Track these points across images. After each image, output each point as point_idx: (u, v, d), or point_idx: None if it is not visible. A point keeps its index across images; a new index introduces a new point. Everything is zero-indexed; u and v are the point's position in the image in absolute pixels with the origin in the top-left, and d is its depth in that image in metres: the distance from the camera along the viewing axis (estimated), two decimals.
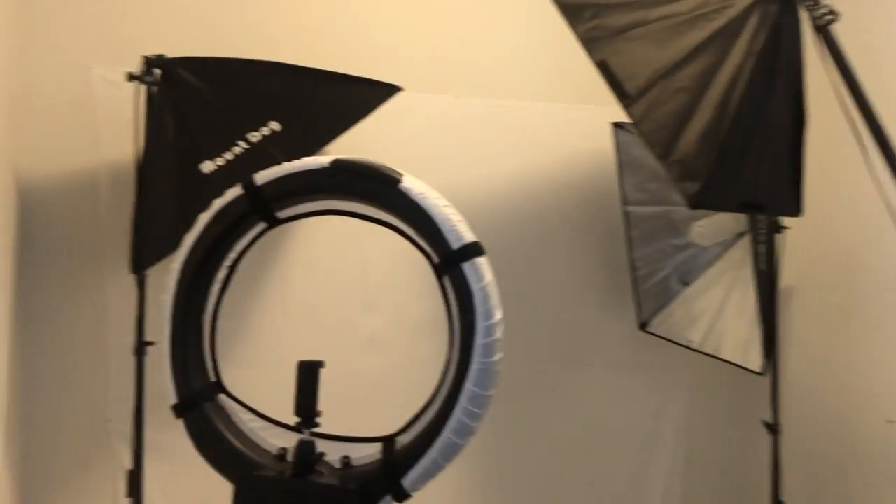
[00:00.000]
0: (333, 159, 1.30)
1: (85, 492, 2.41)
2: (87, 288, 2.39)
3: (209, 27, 2.40)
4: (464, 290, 1.26)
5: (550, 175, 2.93)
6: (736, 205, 2.07)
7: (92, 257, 2.38)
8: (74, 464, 2.40)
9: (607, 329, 2.99)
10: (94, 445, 2.38)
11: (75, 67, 2.31)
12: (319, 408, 1.60)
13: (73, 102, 2.34)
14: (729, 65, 1.97)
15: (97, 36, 2.39)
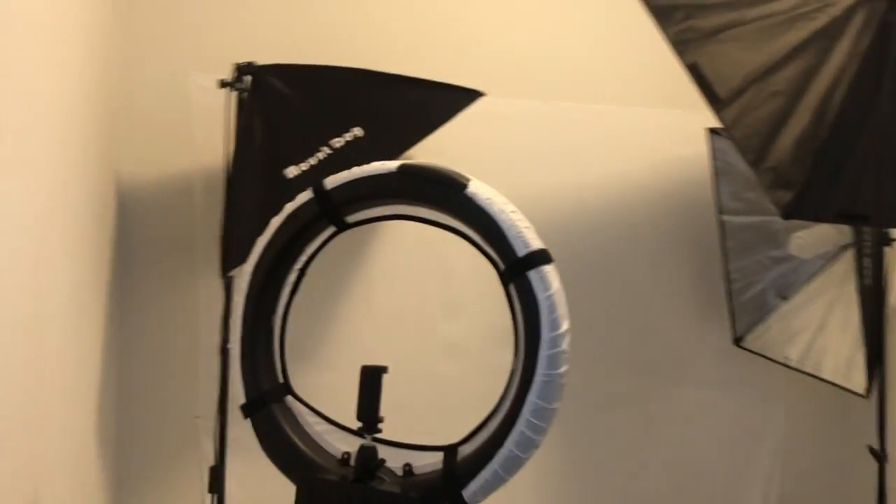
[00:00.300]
0: (400, 164, 1.30)
1: (175, 486, 2.49)
2: (181, 289, 2.48)
3: (299, 35, 2.46)
4: (529, 298, 1.23)
5: (642, 182, 2.84)
6: (834, 215, 1.95)
7: (186, 260, 2.47)
8: (165, 459, 2.49)
9: (700, 343, 2.87)
10: (184, 441, 2.46)
11: (173, 75, 2.39)
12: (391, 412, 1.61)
13: (170, 109, 2.42)
14: (830, 67, 1.86)
15: (195, 45, 2.48)
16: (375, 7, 2.59)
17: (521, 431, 1.22)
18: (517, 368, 1.27)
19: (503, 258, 1.26)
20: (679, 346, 2.87)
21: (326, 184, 1.33)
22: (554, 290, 1.23)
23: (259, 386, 1.35)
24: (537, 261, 1.23)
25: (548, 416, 1.23)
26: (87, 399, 1.89)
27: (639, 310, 2.85)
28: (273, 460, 1.34)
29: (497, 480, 1.25)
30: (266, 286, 1.36)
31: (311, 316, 2.52)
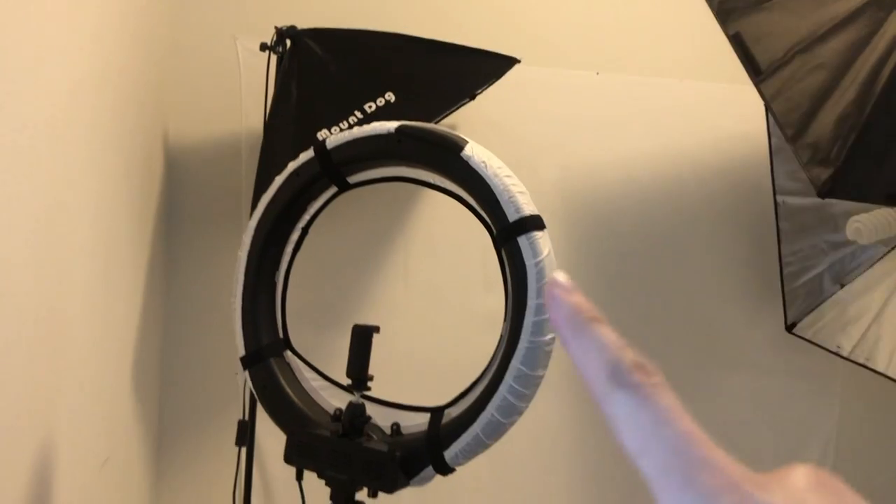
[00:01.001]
0: (399, 125, 1.29)
1: (213, 440, 2.59)
2: (226, 249, 2.55)
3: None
4: (518, 264, 1.21)
5: (696, 159, 2.76)
6: (879, 196, 1.84)
7: (232, 219, 2.54)
8: (205, 414, 2.59)
9: (752, 329, 2.78)
10: (225, 397, 2.55)
11: (223, 38, 2.44)
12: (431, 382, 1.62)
13: (220, 72, 2.48)
14: (881, 38, 1.74)
15: (244, 9, 2.53)
16: None
17: (503, 396, 1.21)
18: (504, 334, 1.26)
19: (495, 223, 1.24)
20: (729, 331, 2.79)
21: (328, 143, 1.33)
22: (543, 256, 1.21)
23: (259, 340, 1.38)
24: (528, 226, 1.22)
25: (531, 383, 1.22)
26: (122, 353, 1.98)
27: (688, 291, 2.78)
28: (268, 412, 1.37)
29: (479, 444, 1.24)
30: (269, 243, 1.38)
31: (345, 280, 2.56)
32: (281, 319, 1.43)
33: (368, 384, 1.33)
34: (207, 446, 2.56)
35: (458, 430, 1.24)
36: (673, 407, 0.28)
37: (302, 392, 1.39)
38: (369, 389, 1.33)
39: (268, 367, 1.39)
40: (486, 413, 1.22)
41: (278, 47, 2.16)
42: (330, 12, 2.43)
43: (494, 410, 1.21)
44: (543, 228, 1.24)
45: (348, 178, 1.39)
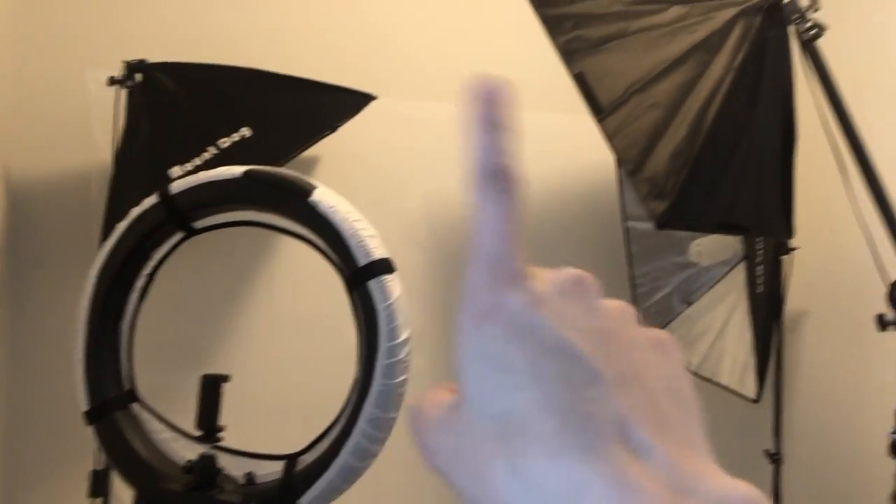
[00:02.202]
0: (246, 170, 1.29)
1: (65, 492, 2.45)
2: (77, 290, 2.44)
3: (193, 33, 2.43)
4: (369, 308, 1.23)
5: (551, 187, 2.87)
6: (712, 225, 1.98)
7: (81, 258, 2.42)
8: (55, 461, 2.44)
9: None
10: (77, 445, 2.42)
11: (71, 70, 2.35)
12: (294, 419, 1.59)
13: (69, 105, 2.38)
14: (708, 79, 1.88)
15: (92, 41, 2.44)
16: (271, 7, 2.56)
17: (357, 441, 1.22)
18: (357, 378, 1.26)
19: (345, 266, 1.25)
20: None
21: (172, 188, 1.31)
22: (393, 299, 1.23)
23: (103, 393, 1.33)
24: (378, 270, 1.23)
25: (384, 426, 1.23)
26: None
27: None
28: (116, 468, 1.32)
29: (333, 489, 1.25)
30: (112, 291, 1.33)
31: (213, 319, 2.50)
32: (127, 370, 1.38)
33: (220, 434, 1.30)
34: (59, 499, 2.42)
35: (313, 477, 1.24)
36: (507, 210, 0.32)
37: (151, 445, 1.35)
38: (221, 440, 1.31)
39: (113, 421, 1.34)
40: (340, 458, 1.23)
41: (128, 81, 2.10)
42: (182, 46, 2.37)
43: (349, 455, 1.22)
44: (393, 271, 1.26)
45: (195, 224, 1.36)
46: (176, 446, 1.35)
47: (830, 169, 2.00)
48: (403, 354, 1.24)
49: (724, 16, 1.91)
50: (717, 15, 1.91)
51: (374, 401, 1.21)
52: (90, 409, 1.33)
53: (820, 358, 2.73)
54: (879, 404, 2.35)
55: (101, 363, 1.34)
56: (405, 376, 1.24)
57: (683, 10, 1.94)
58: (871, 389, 2.47)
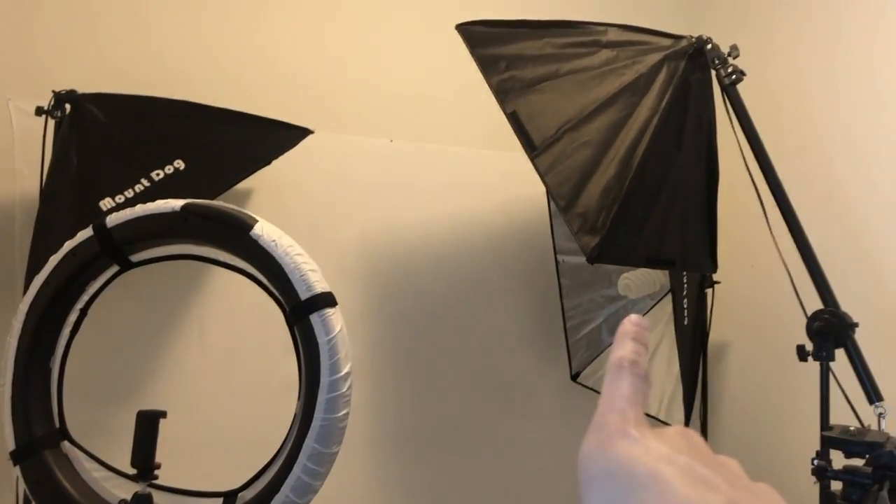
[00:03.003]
0: (185, 203, 1.28)
1: None
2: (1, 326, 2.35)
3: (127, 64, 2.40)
4: (311, 341, 1.23)
5: (487, 221, 2.92)
6: (640, 260, 2.05)
7: (4, 291, 2.34)
8: None
9: (542, 379, 2.95)
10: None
11: None
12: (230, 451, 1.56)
13: None
14: (636, 120, 1.96)
15: (19, 69, 2.38)
16: (208, 40, 2.55)
17: (297, 476, 1.21)
18: (298, 412, 1.26)
19: (287, 300, 1.25)
20: (522, 382, 2.94)
21: (108, 221, 1.29)
22: (335, 333, 1.24)
23: (31, 431, 1.29)
24: (319, 304, 1.24)
25: (326, 460, 1.23)
26: None
27: (482, 346, 2.90)
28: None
29: None
30: (43, 327, 1.30)
31: (136, 353, 2.44)
32: (57, 407, 1.34)
33: (156, 472, 1.27)
34: None
35: None
36: (634, 382, 0.43)
37: (82, 485, 1.30)
38: (157, 478, 1.28)
39: (42, 460, 1.29)
40: (280, 495, 1.21)
41: (56, 112, 2.05)
42: (113, 77, 2.34)
43: (289, 492, 1.21)
44: (335, 305, 1.27)
45: (131, 257, 1.34)
46: (109, 486, 1.32)
47: (750, 206, 2.10)
48: (345, 388, 1.24)
49: (650, 60, 2.00)
50: (644, 59, 2.00)
51: (315, 435, 1.21)
52: (17, 448, 1.28)
53: (743, 387, 2.83)
54: (801, 432, 2.45)
55: (29, 400, 1.30)
56: (346, 410, 1.24)
57: (612, 53, 2.03)
58: (793, 417, 2.57)
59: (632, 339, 0.45)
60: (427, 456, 2.77)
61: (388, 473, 2.72)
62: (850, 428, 1.42)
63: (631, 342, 0.45)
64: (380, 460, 2.70)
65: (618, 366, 0.44)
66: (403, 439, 2.75)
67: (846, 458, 1.40)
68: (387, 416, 2.70)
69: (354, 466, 2.50)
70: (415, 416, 2.76)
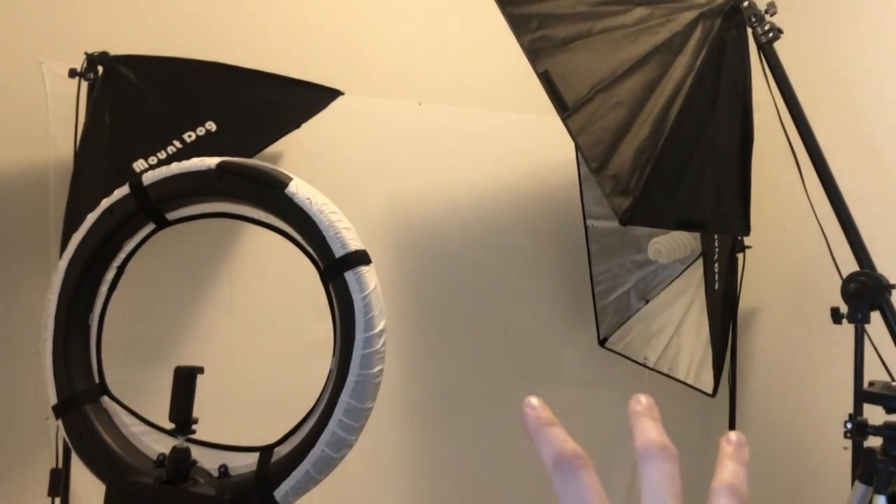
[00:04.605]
0: (220, 161, 1.28)
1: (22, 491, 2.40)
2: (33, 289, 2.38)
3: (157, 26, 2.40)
4: (345, 299, 1.24)
5: (515, 186, 2.90)
6: (672, 222, 2.03)
7: (39, 252, 2.38)
8: (13, 461, 2.39)
9: (569, 344, 2.95)
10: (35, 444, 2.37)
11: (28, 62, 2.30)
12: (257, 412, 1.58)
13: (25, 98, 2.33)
14: (670, 79, 1.93)
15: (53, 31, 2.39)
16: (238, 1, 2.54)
17: (333, 431, 1.23)
18: (333, 368, 1.27)
19: (322, 258, 1.26)
20: (549, 348, 2.94)
21: (144, 179, 1.30)
22: (370, 290, 1.24)
23: (72, 386, 1.31)
24: (354, 262, 1.24)
25: (360, 415, 1.24)
26: None
27: (509, 311, 2.90)
28: (85, 462, 1.30)
29: (309, 480, 1.25)
30: (81, 284, 1.32)
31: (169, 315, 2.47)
32: (97, 363, 1.37)
33: (193, 427, 1.29)
34: (15, 498, 2.37)
35: (288, 468, 1.24)
36: (587, 483, 0.40)
37: (121, 439, 1.33)
38: (194, 432, 1.30)
39: (83, 414, 1.32)
40: (316, 449, 1.23)
41: (89, 73, 2.06)
42: (145, 39, 2.34)
43: (325, 446, 1.22)
44: (369, 263, 1.27)
45: (167, 215, 1.35)
46: (147, 440, 1.34)
47: (783, 169, 2.07)
48: (380, 345, 1.25)
49: (685, 18, 1.96)
50: (678, 17, 1.96)
51: (350, 391, 1.22)
52: (59, 402, 1.31)
53: (773, 354, 2.81)
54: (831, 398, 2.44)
55: (69, 356, 1.32)
56: (381, 366, 1.25)
57: (646, 11, 1.99)
58: (822, 384, 2.55)
59: (544, 422, 0.44)
60: (452, 419, 2.79)
61: (413, 436, 2.74)
62: (892, 383, 1.41)
63: (547, 426, 0.43)
64: (406, 423, 2.72)
65: (557, 465, 0.41)
66: (429, 403, 2.77)
67: (887, 413, 1.39)
68: (412, 380, 2.72)
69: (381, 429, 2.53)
70: (441, 381, 2.78)
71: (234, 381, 2.42)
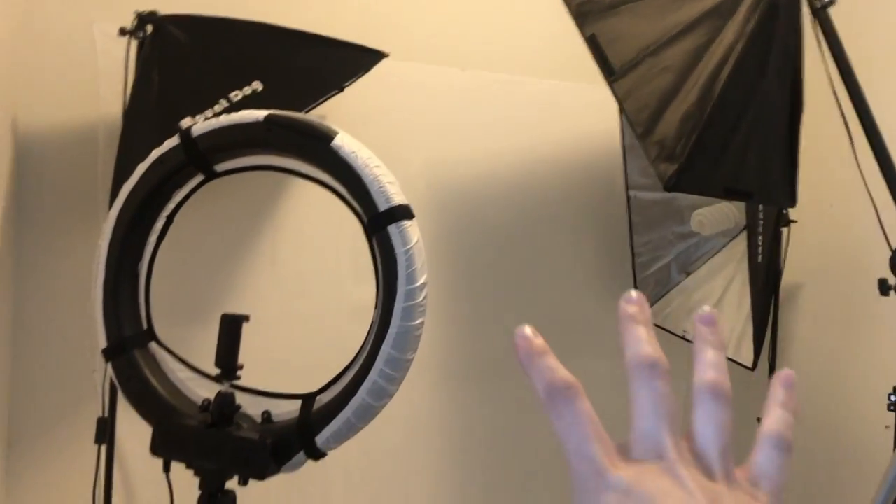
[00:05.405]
0: (268, 114, 1.30)
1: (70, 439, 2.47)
2: (81, 241, 2.44)
3: None
4: (388, 252, 1.25)
5: (556, 155, 2.89)
6: (718, 190, 2.00)
7: (87, 210, 2.43)
8: (62, 413, 2.47)
9: (607, 315, 2.93)
10: (82, 395, 2.44)
11: (79, 22, 2.34)
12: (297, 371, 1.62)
13: (76, 57, 2.38)
14: (719, 45, 1.90)
15: None
16: None
17: (374, 380, 1.24)
18: (375, 320, 1.29)
19: (365, 212, 1.27)
20: (587, 319, 2.93)
21: (193, 130, 1.32)
22: (412, 244, 1.25)
23: (121, 331, 1.35)
24: (397, 216, 1.25)
25: (401, 366, 1.26)
26: None
27: (548, 281, 2.90)
28: (132, 404, 1.34)
29: (350, 428, 1.27)
30: (131, 232, 1.35)
31: (211, 269, 2.51)
32: (145, 310, 1.40)
33: (238, 373, 1.33)
34: (64, 445, 2.44)
35: (330, 416, 1.26)
36: (580, 411, 0.40)
37: (168, 383, 1.37)
38: (239, 378, 1.33)
39: (131, 358, 1.36)
40: (357, 397, 1.25)
41: (139, 33, 2.09)
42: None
43: (366, 394, 1.24)
44: (412, 217, 1.28)
45: (215, 167, 1.37)
46: (192, 385, 1.38)
47: (833, 141, 2.03)
48: (421, 298, 1.26)
49: None
50: None
51: (391, 341, 1.24)
52: (108, 346, 1.35)
53: (815, 330, 2.78)
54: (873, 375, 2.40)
55: (119, 302, 1.36)
56: (422, 319, 1.27)
57: None
58: (865, 360, 2.52)
59: (535, 352, 0.42)
60: (487, 386, 2.80)
61: (449, 400, 2.76)
62: None
63: (539, 356, 0.42)
64: (442, 388, 2.74)
65: (550, 396, 0.40)
66: (466, 369, 2.79)
67: None
68: (450, 346, 2.74)
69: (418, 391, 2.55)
70: (477, 348, 2.79)
71: (275, 333, 2.45)
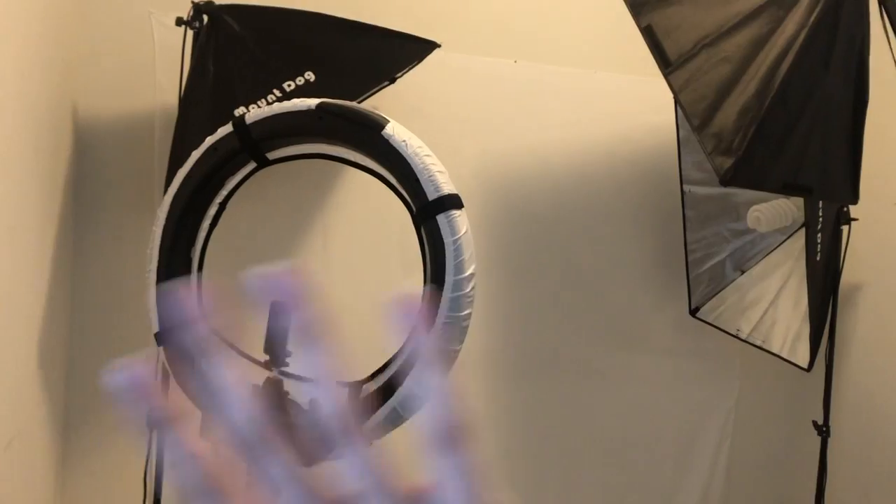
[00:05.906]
0: (319, 102, 1.30)
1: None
2: (137, 228, 2.49)
3: None
4: (437, 242, 1.25)
5: (609, 148, 2.84)
6: (776, 185, 1.95)
7: (143, 195, 2.48)
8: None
9: (659, 312, 2.89)
10: None
11: (137, 12, 2.38)
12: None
13: (133, 47, 2.42)
14: (781, 36, 1.84)
15: None
16: None
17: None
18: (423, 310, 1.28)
19: (415, 201, 1.27)
20: (638, 315, 2.89)
21: (247, 118, 1.33)
22: (461, 234, 1.24)
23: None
24: (447, 205, 1.24)
25: (448, 358, 1.25)
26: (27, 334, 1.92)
27: (598, 276, 2.86)
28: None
29: (396, 417, 1.27)
30: (185, 218, 1.37)
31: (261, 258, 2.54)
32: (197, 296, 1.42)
33: (287, 360, 1.33)
34: (117, 428, 2.50)
35: (377, 405, 1.26)
36: None
37: None
38: (287, 365, 1.34)
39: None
40: (404, 387, 1.25)
41: (195, 22, 2.12)
42: None
43: (412, 384, 1.24)
44: (461, 207, 1.27)
45: (268, 154, 1.38)
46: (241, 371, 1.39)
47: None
48: (469, 289, 1.25)
49: None
50: None
51: (439, 333, 1.23)
52: (161, 331, 1.37)
53: (874, 333, 2.69)
54: None
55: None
56: (469, 310, 1.26)
57: None
58: None
59: None
60: (534, 381, 2.78)
61: (496, 392, 2.75)
62: None
63: None
64: (489, 379, 2.73)
65: None
66: (513, 361, 2.77)
67: None
68: (498, 338, 2.73)
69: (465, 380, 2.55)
70: (525, 341, 2.77)
71: None
